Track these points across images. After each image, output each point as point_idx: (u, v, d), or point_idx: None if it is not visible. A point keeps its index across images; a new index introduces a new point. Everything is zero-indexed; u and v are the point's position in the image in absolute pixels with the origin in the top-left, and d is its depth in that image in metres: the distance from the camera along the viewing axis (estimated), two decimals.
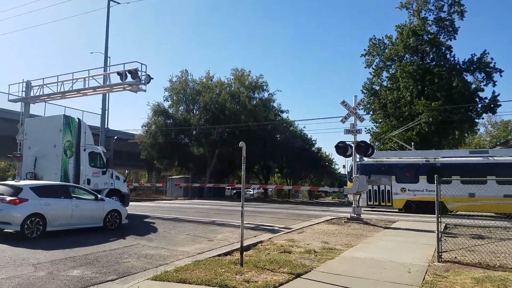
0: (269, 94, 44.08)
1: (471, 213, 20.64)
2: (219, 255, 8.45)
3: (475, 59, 38.43)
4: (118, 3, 35.87)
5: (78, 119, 16.68)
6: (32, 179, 15.02)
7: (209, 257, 8.14)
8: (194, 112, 43.35)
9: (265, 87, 43.36)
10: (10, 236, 10.37)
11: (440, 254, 8.30)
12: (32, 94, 20.83)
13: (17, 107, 22.55)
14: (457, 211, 21.34)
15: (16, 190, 10.57)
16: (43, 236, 10.27)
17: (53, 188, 11.70)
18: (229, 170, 48.63)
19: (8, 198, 10.23)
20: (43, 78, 20.68)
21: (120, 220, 12.64)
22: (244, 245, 7.84)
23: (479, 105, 38.23)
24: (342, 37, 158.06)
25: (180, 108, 43.95)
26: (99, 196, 12.71)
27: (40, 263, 7.54)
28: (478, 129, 47.78)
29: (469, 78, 38.95)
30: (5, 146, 30.28)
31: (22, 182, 11.53)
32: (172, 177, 45.64)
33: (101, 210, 12.14)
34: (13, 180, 13.27)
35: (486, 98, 38.10)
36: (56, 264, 7.50)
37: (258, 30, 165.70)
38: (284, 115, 47.96)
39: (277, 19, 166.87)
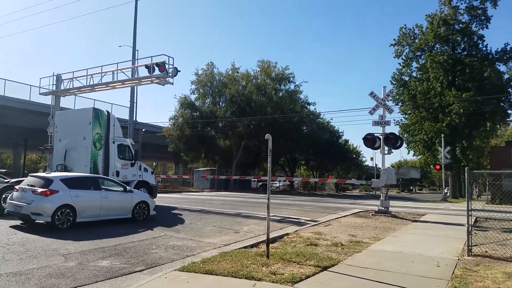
0: (295, 86, 43.86)
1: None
2: (245, 247, 8.43)
3: (509, 48, 37.04)
4: None
5: (107, 111, 16.88)
6: (62, 171, 15.35)
7: (236, 249, 8.13)
8: (220, 104, 43.51)
9: (291, 79, 43.12)
10: (41, 227, 10.66)
11: (470, 248, 8.06)
12: (62, 87, 21.35)
13: (48, 100, 23.11)
14: None
15: (47, 182, 10.78)
16: (73, 227, 10.47)
17: (83, 179, 11.90)
18: (255, 162, 48.72)
19: (40, 190, 10.46)
20: (73, 72, 21.15)
21: (148, 212, 12.79)
22: (270, 237, 7.79)
23: None
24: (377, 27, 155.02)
25: (206, 101, 44.18)
26: (127, 187, 12.86)
27: (70, 254, 7.70)
28: None
29: (502, 68, 37.76)
30: (37, 139, 31.34)
31: (52, 174, 11.73)
32: (199, 169, 46.10)
33: (130, 202, 12.30)
34: (44, 172, 13.59)
35: None
36: (86, 255, 7.64)
37: (286, 20, 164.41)
38: (311, 107, 47.58)
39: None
